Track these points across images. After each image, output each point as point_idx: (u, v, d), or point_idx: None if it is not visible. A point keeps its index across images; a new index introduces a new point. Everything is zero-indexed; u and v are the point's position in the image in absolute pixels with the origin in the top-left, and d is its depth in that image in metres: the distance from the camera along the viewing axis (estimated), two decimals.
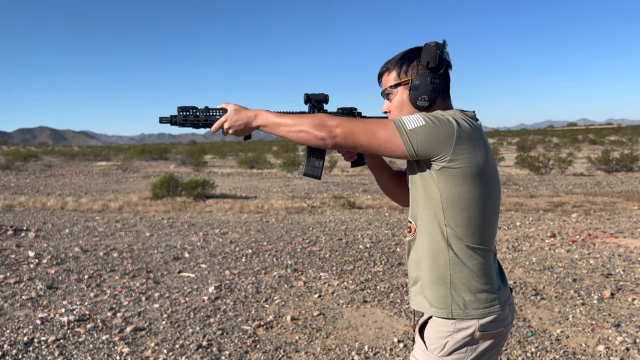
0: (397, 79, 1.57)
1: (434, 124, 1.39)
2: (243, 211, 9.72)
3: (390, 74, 1.59)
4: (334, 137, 1.42)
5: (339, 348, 3.48)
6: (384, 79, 1.62)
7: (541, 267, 5.41)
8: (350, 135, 1.42)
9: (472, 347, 1.45)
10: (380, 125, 1.43)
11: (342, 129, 1.42)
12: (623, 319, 3.92)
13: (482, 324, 1.44)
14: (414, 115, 1.42)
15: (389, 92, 1.59)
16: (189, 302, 4.43)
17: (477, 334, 1.44)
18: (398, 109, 1.58)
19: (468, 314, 1.44)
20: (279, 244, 6.77)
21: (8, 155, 29.65)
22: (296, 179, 16.82)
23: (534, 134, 68.01)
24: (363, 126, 1.43)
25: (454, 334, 1.44)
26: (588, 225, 7.67)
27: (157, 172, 19.76)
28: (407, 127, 1.40)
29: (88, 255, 6.10)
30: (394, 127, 1.41)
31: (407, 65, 1.55)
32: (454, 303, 1.44)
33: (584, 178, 15.17)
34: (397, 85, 1.56)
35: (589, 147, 36.45)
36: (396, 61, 1.58)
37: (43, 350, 3.42)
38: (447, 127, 1.39)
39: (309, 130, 1.43)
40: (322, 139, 1.43)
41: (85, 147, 60.94)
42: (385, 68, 1.61)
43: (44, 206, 10.36)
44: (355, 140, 1.42)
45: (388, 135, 1.41)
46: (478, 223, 1.45)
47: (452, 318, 1.44)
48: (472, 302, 1.44)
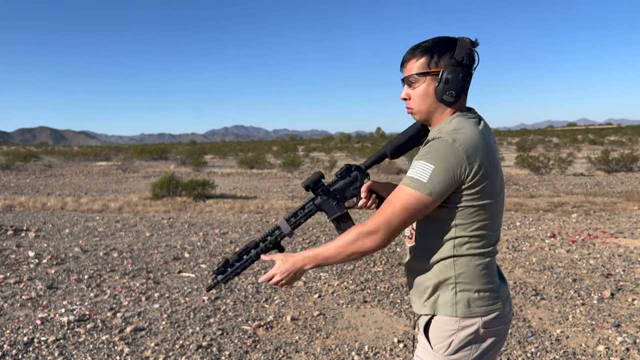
0: (425, 68, 1.49)
1: (442, 160, 1.37)
2: (243, 211, 9.72)
3: (419, 60, 1.50)
4: (381, 242, 1.43)
5: (339, 348, 3.48)
6: (409, 64, 1.53)
7: (541, 267, 5.41)
8: (389, 229, 1.42)
9: (477, 344, 1.46)
10: (401, 197, 1.40)
11: (381, 230, 1.42)
12: (623, 319, 3.92)
13: (485, 321, 1.46)
14: (418, 164, 1.39)
15: (414, 80, 1.51)
16: (189, 302, 4.43)
17: (481, 331, 1.45)
18: (421, 99, 1.52)
19: (472, 312, 1.45)
20: None
21: (8, 155, 29.64)
22: (296, 179, 16.82)
23: (534, 134, 68.03)
24: (392, 210, 1.41)
25: (458, 332, 1.45)
26: (588, 226, 7.67)
27: (157, 172, 19.76)
28: (423, 181, 1.37)
29: (88, 255, 6.10)
30: (413, 192, 1.39)
31: (438, 56, 1.48)
32: (458, 302, 1.45)
33: (584, 178, 15.17)
34: (426, 74, 1.49)
35: (589, 147, 36.45)
36: (427, 48, 1.50)
37: (43, 351, 3.42)
38: (456, 156, 1.37)
39: (356, 250, 1.44)
40: (373, 249, 1.44)
41: (85, 147, 60.94)
42: (412, 54, 1.52)
43: (44, 206, 10.36)
44: (395, 227, 1.42)
45: (414, 201, 1.39)
46: (485, 226, 1.46)
47: (456, 316, 1.45)
48: (476, 300, 1.46)
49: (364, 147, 37.34)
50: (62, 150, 42.97)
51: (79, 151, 41.79)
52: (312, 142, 71.24)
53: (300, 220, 1.64)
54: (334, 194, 1.65)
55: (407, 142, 1.63)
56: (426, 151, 1.41)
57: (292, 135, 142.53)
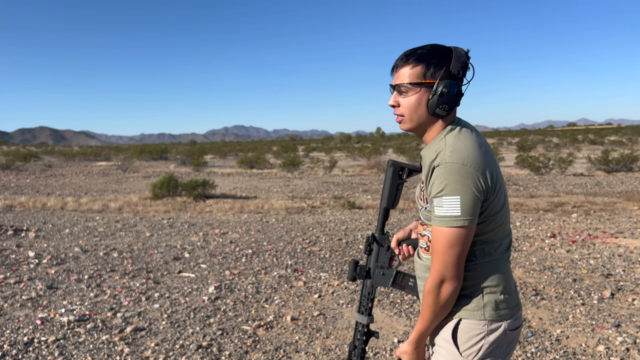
0: (420, 78, 1.44)
1: (462, 187, 1.35)
2: (243, 211, 9.72)
3: (413, 69, 1.44)
4: (454, 283, 1.41)
5: (339, 348, 3.48)
6: (401, 71, 1.47)
7: (541, 267, 5.41)
8: (452, 269, 1.40)
9: (503, 347, 1.47)
10: (442, 241, 1.39)
11: (445, 277, 1.40)
12: (623, 319, 3.92)
13: (509, 323, 1.47)
14: (444, 202, 1.37)
15: (406, 89, 1.46)
16: (189, 302, 4.43)
17: (507, 334, 1.46)
18: (412, 109, 1.47)
19: (500, 315, 1.45)
20: (279, 244, 6.76)
21: (8, 155, 29.66)
22: (296, 179, 16.82)
23: (534, 134, 68.05)
24: (441, 257, 1.40)
25: (487, 336, 1.44)
26: (588, 226, 7.67)
27: (157, 172, 19.76)
28: (457, 214, 1.36)
29: (88, 255, 6.10)
30: (452, 229, 1.37)
31: (435, 67, 1.43)
32: (486, 304, 1.45)
33: (584, 178, 15.17)
34: (420, 84, 1.44)
35: (589, 147, 36.45)
36: (422, 57, 1.44)
37: (43, 351, 3.42)
38: (471, 177, 1.36)
39: (443, 304, 1.43)
40: (454, 290, 1.42)
41: (85, 147, 60.94)
42: (406, 61, 1.46)
43: (44, 206, 10.36)
44: (455, 263, 1.40)
45: (457, 236, 1.37)
46: (503, 228, 1.48)
47: (485, 319, 1.44)
48: (502, 302, 1.46)
49: (364, 147, 37.35)
50: (62, 150, 42.98)
51: (79, 151, 41.79)
52: (312, 142, 71.26)
53: (369, 304, 1.69)
54: (374, 272, 1.70)
55: (395, 188, 1.64)
56: (442, 185, 1.37)
57: (292, 135, 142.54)
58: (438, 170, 1.39)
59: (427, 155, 1.47)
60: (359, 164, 24.65)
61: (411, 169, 1.63)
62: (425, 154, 1.48)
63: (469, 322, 1.45)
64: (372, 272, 1.69)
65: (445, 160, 1.38)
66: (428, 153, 1.47)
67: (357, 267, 1.68)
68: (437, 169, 1.39)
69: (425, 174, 1.45)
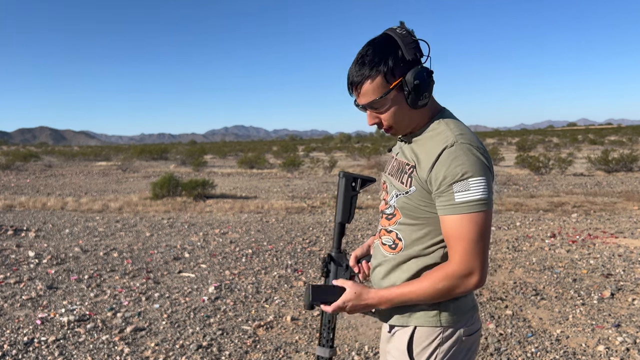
0: (385, 86, 1.32)
1: (481, 167, 1.28)
2: (243, 211, 9.72)
3: (374, 81, 1.32)
4: (481, 279, 1.31)
5: (339, 348, 3.48)
6: (364, 89, 1.34)
7: (541, 267, 5.41)
8: (484, 262, 1.30)
9: (462, 353, 1.41)
10: (475, 227, 1.27)
11: (478, 269, 1.29)
12: (623, 319, 3.92)
13: (465, 329, 1.40)
14: (470, 184, 1.26)
15: (379, 105, 1.35)
16: (189, 302, 4.43)
17: (463, 339, 1.40)
18: (398, 117, 1.37)
19: (456, 320, 1.39)
20: (279, 244, 6.77)
21: (8, 155, 29.65)
22: (296, 179, 16.82)
23: (534, 134, 68.05)
24: (482, 240, 1.28)
25: (442, 344, 1.38)
26: (588, 226, 7.67)
27: (157, 172, 19.76)
28: (486, 196, 1.27)
29: (88, 255, 6.10)
30: (482, 213, 1.27)
31: (392, 64, 1.31)
32: (442, 310, 1.38)
33: (584, 178, 15.17)
34: (389, 91, 1.32)
35: (589, 147, 36.44)
36: (375, 63, 1.31)
37: (43, 351, 3.42)
38: (482, 159, 1.29)
39: (455, 294, 1.33)
40: (474, 288, 1.32)
41: (85, 147, 60.94)
42: (361, 74, 1.33)
43: (44, 206, 10.36)
44: (486, 256, 1.30)
45: (487, 220, 1.29)
46: None
47: (441, 326, 1.38)
48: (458, 308, 1.39)
49: (364, 147, 37.34)
50: (62, 150, 42.98)
51: (79, 151, 41.79)
52: (312, 142, 71.25)
53: (330, 334, 1.53)
54: (330, 294, 1.46)
55: (349, 200, 1.55)
56: (464, 167, 1.27)
57: (292, 135, 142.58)
58: (453, 152, 1.28)
59: (426, 139, 1.38)
60: (359, 163, 24.65)
61: (364, 179, 1.55)
62: (422, 139, 1.40)
63: (424, 330, 1.38)
64: (329, 300, 1.49)
65: (458, 140, 1.30)
66: (426, 138, 1.39)
67: (316, 294, 1.48)
68: (450, 150, 1.29)
69: (430, 162, 1.33)
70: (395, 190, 1.43)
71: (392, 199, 1.44)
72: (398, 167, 1.46)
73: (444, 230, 1.33)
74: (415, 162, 1.37)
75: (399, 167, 1.46)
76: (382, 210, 1.50)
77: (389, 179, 1.49)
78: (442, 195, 1.30)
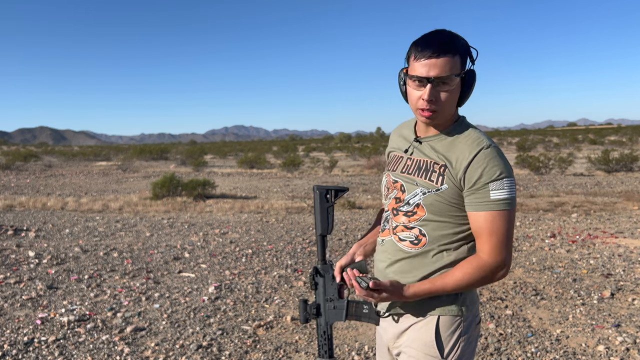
0: (459, 69, 1.36)
1: (510, 168, 1.39)
2: (243, 211, 9.72)
3: (454, 59, 1.35)
4: (507, 272, 1.42)
5: (339, 348, 3.48)
6: (441, 61, 1.34)
7: (541, 267, 5.41)
8: (511, 256, 1.41)
9: (474, 342, 1.50)
10: (511, 220, 1.38)
11: (509, 263, 1.40)
12: (623, 319, 3.92)
13: (476, 317, 1.50)
14: (505, 183, 1.35)
15: (449, 81, 1.35)
16: (189, 302, 4.43)
17: (477, 327, 1.50)
18: (450, 103, 1.39)
19: (470, 310, 1.47)
20: (279, 244, 6.77)
21: (8, 155, 29.65)
22: (296, 179, 16.82)
23: (534, 134, 68.03)
24: (511, 236, 1.39)
25: (464, 333, 1.46)
26: (588, 226, 7.67)
27: (157, 172, 19.77)
28: (514, 196, 1.37)
29: (88, 255, 6.10)
30: (512, 210, 1.37)
31: (467, 57, 1.39)
32: (462, 301, 1.46)
33: (584, 178, 15.17)
34: (459, 76, 1.36)
35: (589, 147, 36.45)
36: (462, 45, 1.37)
37: (43, 351, 3.42)
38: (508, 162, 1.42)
39: (485, 283, 1.41)
40: (501, 278, 1.42)
41: (85, 147, 60.95)
42: (447, 50, 1.34)
43: (44, 206, 10.36)
44: (511, 246, 1.41)
45: (514, 217, 1.40)
46: None
47: (462, 315, 1.46)
48: (471, 298, 1.48)
49: (364, 147, 37.34)
50: (62, 150, 42.98)
51: (79, 151, 41.79)
52: (312, 142, 71.27)
53: (327, 344, 1.54)
54: (325, 307, 1.55)
55: (326, 212, 1.55)
56: (499, 168, 1.35)
57: (292, 135, 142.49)
58: (489, 154, 1.36)
59: (458, 141, 1.42)
60: (359, 163, 24.65)
61: (337, 189, 1.56)
62: (453, 141, 1.43)
63: (448, 319, 1.45)
64: (323, 308, 1.55)
65: (492, 144, 1.39)
66: (458, 140, 1.43)
67: (307, 307, 1.54)
68: (486, 152, 1.36)
69: (466, 162, 1.38)
70: (420, 188, 1.45)
71: (414, 197, 1.46)
72: (420, 165, 1.48)
73: (475, 225, 1.39)
74: (446, 162, 1.41)
75: (421, 165, 1.48)
76: (395, 208, 1.52)
77: (404, 177, 1.51)
78: (476, 193, 1.37)
